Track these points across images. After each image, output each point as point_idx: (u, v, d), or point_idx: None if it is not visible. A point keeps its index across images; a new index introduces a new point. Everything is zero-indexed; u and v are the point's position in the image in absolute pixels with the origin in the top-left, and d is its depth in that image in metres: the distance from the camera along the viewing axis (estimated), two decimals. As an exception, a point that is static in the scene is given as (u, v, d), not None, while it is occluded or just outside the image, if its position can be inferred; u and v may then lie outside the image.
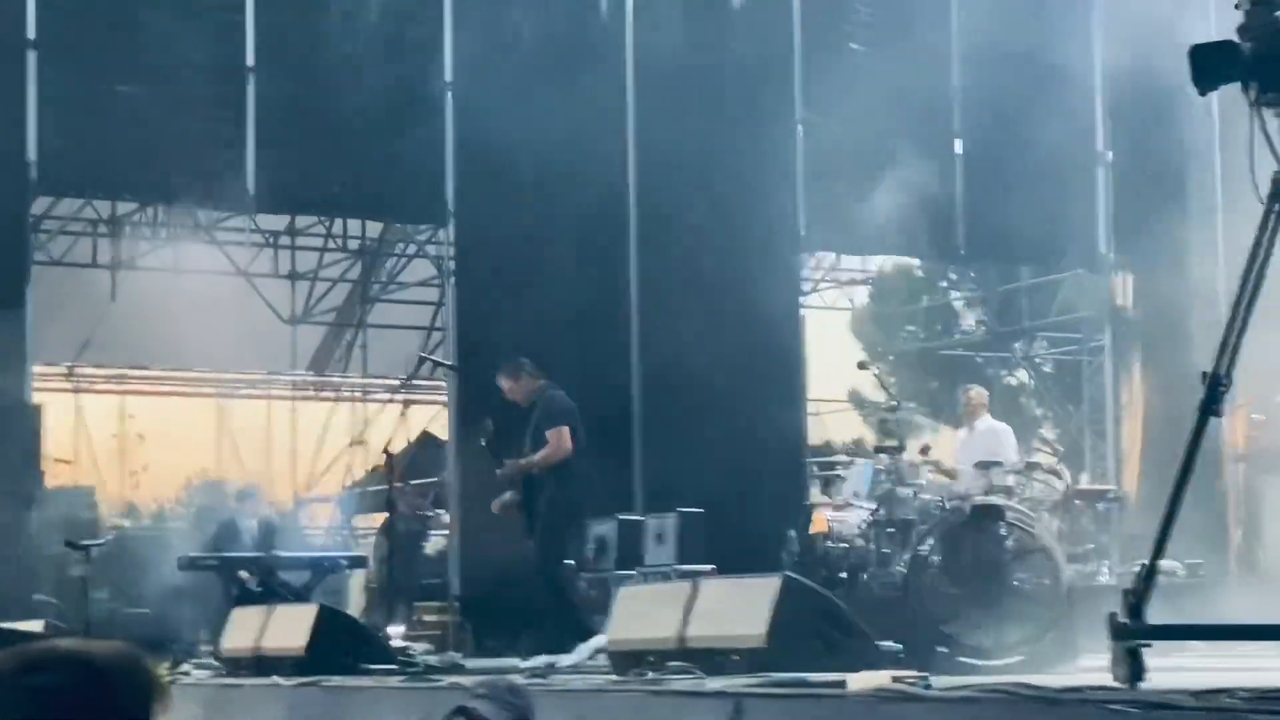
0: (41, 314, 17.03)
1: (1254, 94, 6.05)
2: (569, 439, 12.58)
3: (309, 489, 23.72)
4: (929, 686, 6.92)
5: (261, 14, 17.02)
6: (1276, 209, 6.08)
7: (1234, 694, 5.33)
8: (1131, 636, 5.92)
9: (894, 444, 11.52)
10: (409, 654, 12.21)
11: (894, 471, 11.30)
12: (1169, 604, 7.34)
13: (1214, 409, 6.09)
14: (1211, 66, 6.16)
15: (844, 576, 11.13)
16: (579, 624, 11.70)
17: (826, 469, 12.91)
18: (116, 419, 24.97)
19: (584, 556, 13.59)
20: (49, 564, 15.79)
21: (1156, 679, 5.96)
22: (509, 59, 17.46)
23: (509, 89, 16.96)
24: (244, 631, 12.12)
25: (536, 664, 11.55)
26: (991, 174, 19.16)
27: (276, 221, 21.11)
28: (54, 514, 16.70)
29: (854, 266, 25.50)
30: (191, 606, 15.21)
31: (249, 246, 21.49)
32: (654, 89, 18.04)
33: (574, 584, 13.13)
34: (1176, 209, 18.41)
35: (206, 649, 13.23)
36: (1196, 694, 5.42)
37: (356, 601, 17.58)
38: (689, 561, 13.77)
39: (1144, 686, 5.85)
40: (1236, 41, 6.12)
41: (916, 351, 28.10)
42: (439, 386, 20.95)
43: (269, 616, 12.01)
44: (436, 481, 20.21)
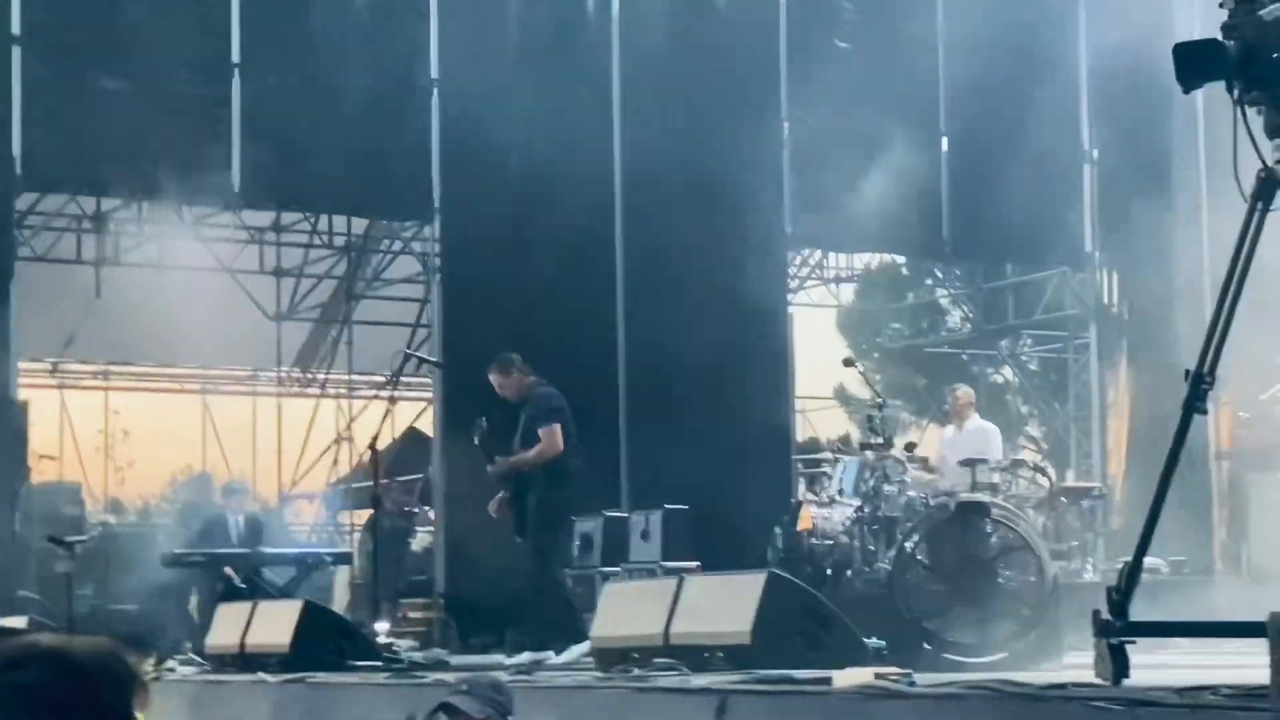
0: (26, 310, 16.99)
1: (1238, 92, 6.06)
2: (561, 437, 12.57)
3: (294, 485, 23.65)
4: (913, 683, 6.92)
5: (247, 10, 17.02)
6: (1260, 207, 6.09)
7: (1217, 691, 5.34)
8: (1116, 633, 5.92)
9: (880, 441, 11.50)
10: (394, 651, 12.21)
11: (880, 468, 11.29)
12: (1153, 601, 7.36)
13: (1198, 406, 6.10)
14: (1196, 65, 6.16)
15: (829, 573, 11.12)
16: (573, 625, 11.67)
17: (812, 466, 12.85)
18: (101, 415, 24.92)
19: (569, 553, 13.57)
20: (33, 560, 15.77)
21: (1140, 676, 5.97)
22: (495, 56, 17.46)
23: (495, 86, 16.96)
24: (229, 628, 12.11)
25: (521, 660, 11.55)
26: (977, 172, 19.19)
27: (262, 218, 21.03)
28: (38, 510, 16.68)
29: (840, 264, 25.49)
30: (177, 603, 15.19)
31: (234, 243, 21.44)
32: (640, 86, 18.04)
33: (568, 584, 13.11)
34: (1162, 207, 18.42)
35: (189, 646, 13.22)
36: (1180, 691, 5.43)
37: (341, 598, 17.55)
38: (674, 558, 13.78)
39: (1128, 683, 5.86)
40: (1221, 40, 6.12)
41: (902, 349, 28.14)
42: (425, 383, 20.92)
43: (254, 613, 12.00)
44: (422, 478, 20.18)
